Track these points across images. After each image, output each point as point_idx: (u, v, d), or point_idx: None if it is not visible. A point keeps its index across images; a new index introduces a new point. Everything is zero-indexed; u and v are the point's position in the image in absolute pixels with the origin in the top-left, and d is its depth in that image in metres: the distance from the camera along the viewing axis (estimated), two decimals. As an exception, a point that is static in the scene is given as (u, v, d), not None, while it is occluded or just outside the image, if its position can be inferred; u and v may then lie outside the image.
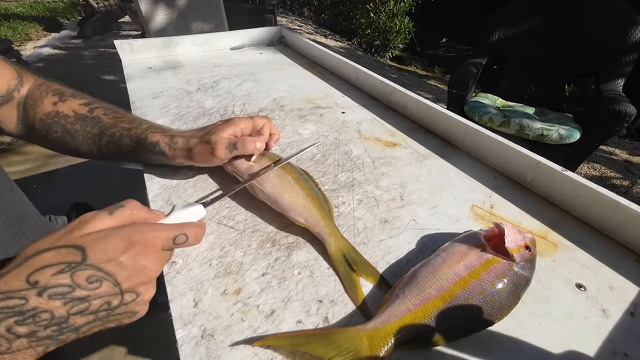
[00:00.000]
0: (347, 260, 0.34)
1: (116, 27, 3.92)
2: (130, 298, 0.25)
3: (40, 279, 0.22)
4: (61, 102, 0.42)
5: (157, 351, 0.94)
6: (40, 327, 0.21)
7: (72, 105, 0.42)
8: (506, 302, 0.29)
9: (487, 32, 1.68)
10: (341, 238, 0.36)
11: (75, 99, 0.43)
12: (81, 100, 0.43)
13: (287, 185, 0.39)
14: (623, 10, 1.39)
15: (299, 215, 0.37)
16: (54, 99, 0.42)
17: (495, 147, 0.49)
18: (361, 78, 0.74)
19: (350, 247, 0.35)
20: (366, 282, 0.33)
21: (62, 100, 0.42)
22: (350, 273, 0.33)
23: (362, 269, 0.33)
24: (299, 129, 0.58)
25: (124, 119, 0.42)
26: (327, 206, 0.39)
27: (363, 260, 0.34)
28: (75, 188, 1.56)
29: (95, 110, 0.42)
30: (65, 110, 0.41)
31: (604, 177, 1.84)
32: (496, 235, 0.33)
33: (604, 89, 1.39)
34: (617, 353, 0.28)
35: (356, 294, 0.31)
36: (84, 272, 0.23)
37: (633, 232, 0.37)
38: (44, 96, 0.42)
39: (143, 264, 0.25)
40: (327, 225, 0.36)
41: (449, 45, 4.70)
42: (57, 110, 0.41)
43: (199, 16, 2.09)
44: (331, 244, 0.35)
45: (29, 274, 0.22)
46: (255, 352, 0.27)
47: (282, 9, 5.41)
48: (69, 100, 0.42)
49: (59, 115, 0.41)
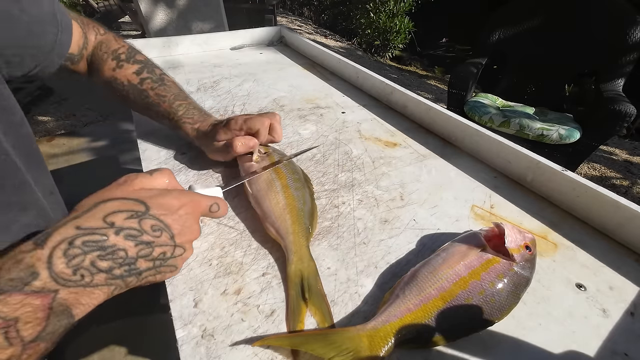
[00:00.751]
0: (302, 286, 0.31)
1: (116, 27, 3.92)
2: (179, 252, 0.28)
3: (115, 221, 0.24)
4: (118, 69, 0.47)
5: (157, 351, 0.94)
6: (116, 265, 0.24)
7: (127, 73, 0.48)
8: (506, 302, 0.29)
9: (487, 32, 1.68)
10: (307, 260, 0.33)
11: (129, 65, 0.48)
12: (134, 67, 0.48)
13: (271, 191, 0.38)
14: (623, 10, 1.39)
15: (271, 224, 0.35)
16: (112, 64, 0.47)
17: (495, 147, 0.49)
18: (361, 78, 0.74)
19: (313, 273, 0.32)
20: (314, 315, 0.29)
21: (118, 66, 0.47)
22: (300, 302, 0.30)
23: (314, 301, 0.30)
24: (299, 129, 0.58)
25: (166, 98, 0.48)
26: (309, 222, 0.37)
27: (320, 292, 0.31)
28: (75, 188, 1.56)
29: (145, 83, 0.48)
30: (121, 78, 0.47)
31: (604, 177, 1.84)
32: (496, 235, 0.33)
33: (604, 88, 1.39)
34: (617, 353, 0.28)
35: (294, 324, 0.28)
36: (149, 220, 0.25)
37: (633, 232, 0.37)
38: (105, 59, 0.47)
39: (190, 222, 0.28)
40: (295, 241, 0.34)
41: (449, 45, 4.70)
42: (115, 77, 0.47)
43: (199, 16, 2.09)
44: (292, 263, 0.32)
45: (105, 215, 0.24)
46: (255, 352, 0.26)
47: (282, 9, 5.41)
48: (124, 66, 0.48)
49: (117, 82, 0.48)
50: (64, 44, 0.42)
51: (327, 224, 0.39)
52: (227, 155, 0.44)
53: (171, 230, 0.27)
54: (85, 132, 1.97)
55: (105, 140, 1.91)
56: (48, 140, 1.89)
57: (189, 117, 0.47)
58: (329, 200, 0.43)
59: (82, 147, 1.84)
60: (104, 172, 1.67)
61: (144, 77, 0.48)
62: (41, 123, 2.03)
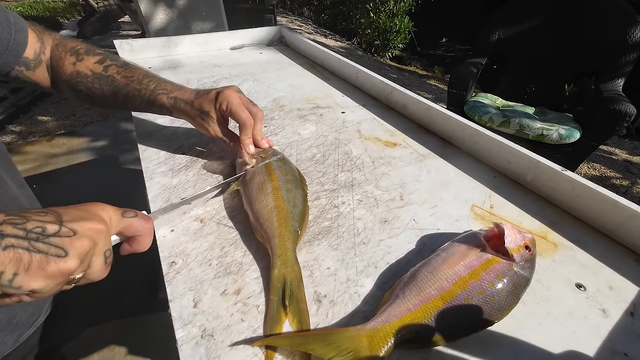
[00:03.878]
0: (284, 292, 0.30)
1: (116, 27, 3.92)
2: (66, 232, 0.23)
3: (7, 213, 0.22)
4: (79, 62, 0.45)
5: (157, 351, 0.94)
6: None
7: (88, 64, 0.45)
8: (506, 302, 0.29)
9: (487, 32, 1.68)
10: (291, 264, 0.32)
11: (90, 57, 0.46)
12: (95, 58, 0.46)
13: (261, 192, 0.38)
14: (623, 10, 1.39)
15: (259, 226, 0.35)
16: (72, 59, 0.45)
17: (495, 147, 0.49)
18: (361, 78, 0.74)
19: (296, 278, 0.31)
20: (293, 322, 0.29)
21: (79, 59, 0.45)
22: (280, 309, 0.29)
23: (294, 308, 0.29)
24: (298, 129, 0.58)
25: (134, 78, 0.45)
26: (298, 225, 0.36)
27: (301, 299, 0.30)
28: (75, 188, 1.56)
29: (109, 69, 0.46)
30: (83, 70, 0.45)
31: (604, 176, 1.84)
32: (496, 235, 0.33)
33: (603, 88, 1.39)
34: (617, 353, 0.28)
35: (272, 329, 0.28)
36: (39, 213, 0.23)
37: (633, 232, 0.37)
38: (63, 57, 0.45)
39: (90, 211, 0.26)
40: (281, 244, 0.33)
41: (449, 45, 4.70)
42: (77, 70, 0.45)
43: (199, 16, 2.09)
44: (275, 267, 0.31)
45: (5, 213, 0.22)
46: (255, 352, 0.27)
47: (282, 9, 5.41)
48: (84, 59, 0.45)
49: (80, 75, 0.45)
50: (19, 44, 0.41)
51: (327, 224, 0.39)
52: (216, 134, 0.44)
53: (60, 215, 0.24)
54: (85, 132, 1.97)
55: (105, 140, 1.91)
56: (48, 140, 1.89)
57: (161, 89, 0.45)
58: (328, 200, 0.43)
59: (82, 147, 1.84)
60: (104, 172, 1.68)
61: (108, 65, 0.46)
62: (41, 123, 2.03)
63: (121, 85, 0.45)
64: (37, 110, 2.14)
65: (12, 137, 1.89)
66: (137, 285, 0.58)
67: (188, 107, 0.44)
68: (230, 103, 0.42)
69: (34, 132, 1.95)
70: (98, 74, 0.45)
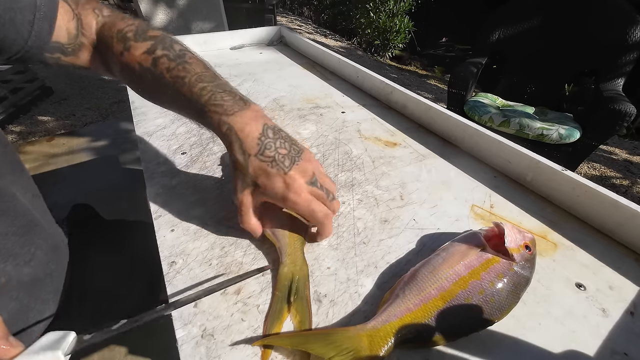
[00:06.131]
0: (290, 289, 0.30)
1: (116, 27, 3.91)
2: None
3: None
4: (126, 52, 0.38)
5: (157, 351, 0.94)
6: None
7: (137, 54, 0.38)
8: (506, 302, 0.29)
9: (487, 32, 1.68)
10: (300, 264, 0.33)
11: (139, 44, 0.38)
12: (145, 45, 0.38)
13: None
14: (623, 10, 1.39)
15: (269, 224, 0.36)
16: (119, 47, 0.38)
17: (495, 147, 0.49)
18: (361, 78, 0.74)
19: (304, 278, 0.32)
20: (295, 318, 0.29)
21: (126, 48, 0.38)
22: (284, 305, 0.29)
23: (298, 305, 0.29)
24: (299, 129, 0.58)
25: (185, 81, 0.36)
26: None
27: (305, 298, 0.30)
28: (75, 188, 1.56)
29: (159, 63, 0.38)
30: (131, 62, 0.38)
31: (604, 176, 1.84)
32: (496, 234, 0.33)
33: (603, 88, 1.39)
34: (617, 352, 0.28)
35: (272, 326, 0.28)
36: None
37: (633, 232, 0.37)
38: (110, 44, 0.39)
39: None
40: (291, 244, 0.33)
41: (449, 45, 4.70)
42: (125, 61, 0.39)
43: (199, 16, 2.09)
44: (285, 265, 0.32)
45: None
46: (255, 351, 0.27)
47: (282, 9, 5.40)
48: (132, 47, 0.38)
49: (128, 67, 0.39)
50: (42, 35, 0.34)
51: (327, 224, 0.39)
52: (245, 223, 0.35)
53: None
54: (85, 132, 1.97)
55: (105, 140, 1.91)
56: (48, 140, 1.89)
57: (214, 105, 0.35)
58: (328, 200, 0.42)
59: (82, 147, 1.84)
60: (104, 172, 1.67)
61: (158, 56, 0.38)
62: (41, 123, 2.03)
63: (170, 89, 0.37)
64: (37, 110, 2.14)
65: (12, 137, 1.89)
66: (137, 285, 0.58)
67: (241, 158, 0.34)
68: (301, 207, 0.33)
69: (34, 132, 1.95)
70: (146, 69, 0.38)
